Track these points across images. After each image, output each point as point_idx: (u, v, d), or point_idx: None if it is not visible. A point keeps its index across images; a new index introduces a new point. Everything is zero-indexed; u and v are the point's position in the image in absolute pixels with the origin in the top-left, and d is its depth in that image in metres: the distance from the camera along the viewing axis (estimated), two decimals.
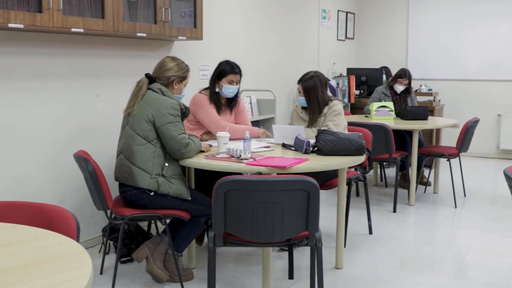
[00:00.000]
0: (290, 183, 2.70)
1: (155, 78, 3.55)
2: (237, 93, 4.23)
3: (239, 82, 4.18)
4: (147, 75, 3.55)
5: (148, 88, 3.49)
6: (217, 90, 4.14)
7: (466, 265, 4.00)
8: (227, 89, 4.11)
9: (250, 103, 5.64)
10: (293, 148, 3.78)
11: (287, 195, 2.70)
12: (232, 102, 4.25)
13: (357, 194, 5.91)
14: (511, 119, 8.23)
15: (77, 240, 1.99)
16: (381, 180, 6.57)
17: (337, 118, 4.31)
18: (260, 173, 3.02)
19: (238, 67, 4.17)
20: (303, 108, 4.49)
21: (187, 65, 3.66)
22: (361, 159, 3.60)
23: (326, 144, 3.56)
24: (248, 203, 2.71)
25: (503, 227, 4.85)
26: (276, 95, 5.95)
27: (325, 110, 4.34)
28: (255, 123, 5.85)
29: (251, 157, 3.32)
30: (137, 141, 3.40)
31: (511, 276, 3.78)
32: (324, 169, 3.45)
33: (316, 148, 3.63)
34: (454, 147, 5.68)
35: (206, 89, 4.24)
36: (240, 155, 3.30)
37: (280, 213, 2.72)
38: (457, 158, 5.73)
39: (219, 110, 4.15)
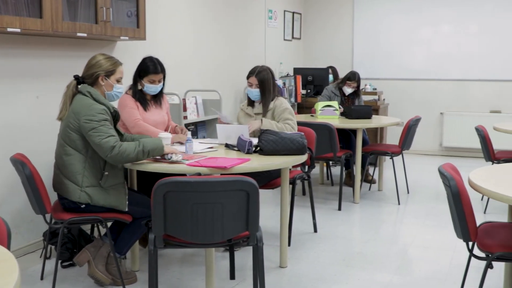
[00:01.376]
0: (229, 184, 2.70)
1: (82, 78, 3.37)
2: (161, 90, 4.10)
3: (163, 79, 4.04)
4: (75, 76, 3.37)
5: (78, 91, 3.33)
6: (139, 87, 4.02)
7: (407, 261, 4.09)
8: (148, 88, 3.99)
9: (196, 103, 5.61)
10: (236, 148, 3.79)
11: (226, 196, 2.70)
12: (157, 98, 4.12)
13: (303, 193, 5.96)
14: (453, 117, 8.45)
15: (8, 247, 1.94)
16: (327, 179, 6.65)
17: (292, 117, 4.35)
18: (199, 174, 3.01)
19: (161, 65, 4.00)
20: (249, 104, 4.49)
21: (115, 59, 3.43)
22: (303, 158, 3.63)
23: (268, 144, 3.58)
24: (187, 204, 2.70)
25: (443, 222, 4.97)
26: (222, 95, 5.94)
27: (271, 105, 4.35)
28: (201, 124, 5.84)
29: (189, 158, 3.29)
30: (67, 151, 3.26)
31: (450, 270, 3.88)
32: (266, 169, 3.46)
33: (258, 148, 3.65)
34: (397, 145, 5.80)
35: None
36: (170, 157, 3.26)
37: (220, 213, 2.72)
38: (400, 155, 5.85)
39: (146, 107, 4.02)
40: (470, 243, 2.76)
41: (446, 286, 3.61)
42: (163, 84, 4.09)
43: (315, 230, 4.71)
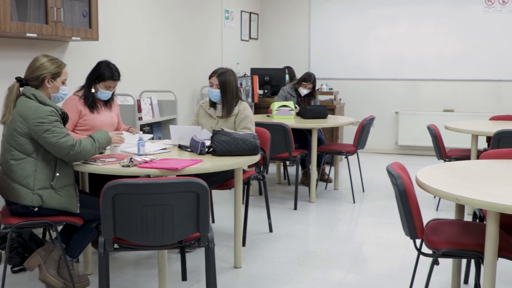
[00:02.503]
0: (178, 185, 2.69)
1: (26, 80, 3.28)
2: (112, 93, 4.07)
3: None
4: (17, 79, 3.28)
5: (22, 94, 3.24)
6: (92, 90, 3.96)
7: (360, 258, 4.14)
8: (102, 93, 3.96)
9: (151, 104, 5.57)
10: (189, 150, 3.78)
11: (176, 197, 2.69)
12: (107, 100, 4.07)
13: (260, 193, 5.98)
14: (408, 117, 8.60)
15: None
16: (284, 178, 6.69)
17: (252, 126, 4.34)
18: (149, 176, 2.99)
19: (118, 72, 3.98)
20: (211, 105, 4.46)
21: (60, 61, 3.36)
22: (256, 158, 3.65)
23: (221, 145, 3.58)
24: (137, 207, 2.68)
25: (397, 220, 5.02)
26: (177, 95, 5.91)
27: (236, 110, 4.34)
28: (157, 125, 5.79)
29: (143, 160, 3.27)
30: (15, 156, 3.18)
31: (402, 266, 3.95)
32: (217, 170, 3.47)
33: (211, 149, 3.65)
34: (352, 144, 5.87)
35: (82, 88, 4.03)
36: (125, 162, 3.23)
37: (169, 215, 2.71)
38: (356, 154, 5.92)
39: (94, 109, 3.96)
40: (418, 241, 2.82)
41: (398, 283, 3.67)
42: (113, 92, 4.08)
43: (271, 230, 4.73)
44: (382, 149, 8.83)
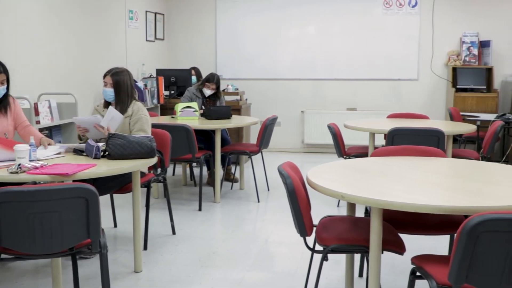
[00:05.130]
0: (66, 191, 2.62)
1: None
2: (7, 93, 3.85)
3: (6, 81, 3.79)
4: None
5: None
6: None
7: (261, 257, 4.20)
8: None
9: (49, 107, 5.40)
10: (84, 154, 3.69)
11: (64, 204, 2.62)
12: (2, 103, 3.87)
13: (165, 195, 5.92)
14: (313, 115, 8.80)
15: None
16: (191, 180, 6.67)
17: (147, 127, 4.27)
18: (35, 183, 2.90)
19: (2, 65, 3.77)
20: (105, 106, 4.37)
21: None
22: (152, 161, 3.62)
23: (116, 148, 3.53)
24: (23, 215, 2.59)
25: None
26: (78, 98, 5.76)
27: (130, 111, 4.28)
28: (56, 128, 5.63)
29: (32, 166, 3.17)
30: None
31: (301, 263, 4.04)
32: (113, 174, 3.41)
33: (107, 153, 3.58)
34: (255, 144, 5.94)
35: None
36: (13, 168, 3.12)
37: (58, 222, 2.64)
38: (260, 154, 6.00)
39: None
40: (308, 238, 2.89)
41: (296, 280, 3.75)
42: (7, 89, 3.87)
43: (174, 232, 4.71)
44: (288, 147, 9.00)
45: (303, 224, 2.75)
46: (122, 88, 4.20)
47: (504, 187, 2.77)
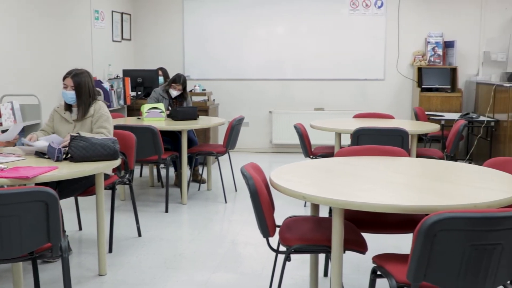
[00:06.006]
0: (24, 195, 2.58)
1: None
2: None
3: None
4: None
5: None
6: None
7: (227, 258, 4.20)
8: None
9: (12, 108, 5.32)
10: (46, 156, 3.64)
11: (23, 208, 2.58)
12: None
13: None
14: (281, 116, 8.83)
15: None
16: (158, 181, 6.64)
17: (108, 125, 4.23)
18: None
19: None
20: (67, 109, 4.30)
21: None
22: (115, 163, 3.59)
23: (78, 151, 3.49)
24: None
25: None
26: (42, 99, 5.68)
27: (91, 110, 4.22)
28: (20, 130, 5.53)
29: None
30: None
31: (266, 264, 4.04)
32: (75, 176, 3.36)
33: (69, 155, 3.54)
34: (222, 145, 5.93)
35: None
36: None
37: (17, 226, 2.60)
38: (227, 155, 5.99)
39: None
40: (273, 238, 2.90)
41: (261, 280, 3.76)
42: None
43: (139, 234, 4.67)
44: (257, 148, 9.01)
45: (265, 225, 2.76)
46: (83, 90, 4.15)
47: (462, 186, 2.82)
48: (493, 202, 2.43)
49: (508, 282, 2.38)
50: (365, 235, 3.08)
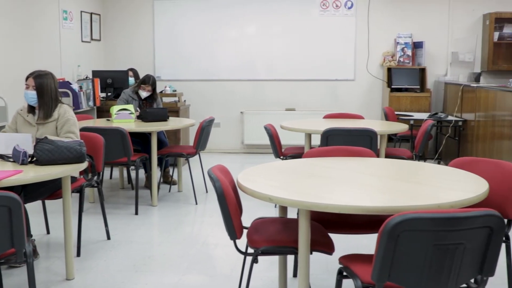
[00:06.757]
0: None
1: None
2: None
3: None
4: None
5: None
6: None
7: (197, 260, 4.18)
8: None
9: None
10: (11, 160, 3.59)
11: None
12: None
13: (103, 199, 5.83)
14: (253, 116, 8.83)
15: None
16: (129, 183, 6.59)
17: (76, 129, 4.17)
18: None
19: None
20: (29, 111, 4.23)
21: None
22: (82, 166, 3.55)
23: (44, 154, 3.44)
24: None
25: None
26: (8, 101, 5.59)
27: (56, 114, 4.16)
28: None
29: None
30: None
31: (236, 265, 4.03)
32: (40, 180, 3.32)
33: (35, 159, 3.49)
34: (192, 146, 5.91)
35: None
36: None
37: None
38: (197, 156, 5.98)
39: None
40: (241, 240, 2.90)
41: (231, 282, 3.76)
42: None
43: (108, 238, 4.63)
44: (229, 148, 9.01)
45: (232, 227, 2.76)
46: (45, 91, 4.08)
47: (427, 187, 2.86)
48: (455, 202, 2.47)
49: (472, 280, 2.42)
50: (336, 236, 3.10)
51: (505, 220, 2.97)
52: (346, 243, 3.98)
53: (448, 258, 2.19)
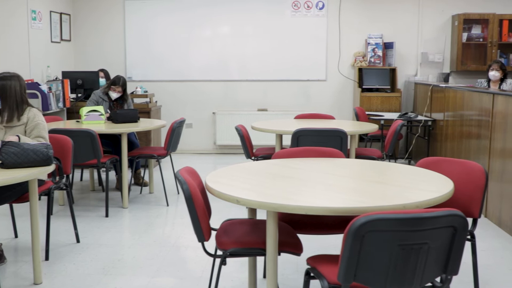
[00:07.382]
0: None
1: None
2: None
3: None
4: None
5: None
6: None
7: (167, 262, 4.16)
8: None
9: None
10: None
11: None
12: None
13: (73, 201, 5.77)
14: (225, 117, 8.82)
15: None
16: (99, 185, 6.53)
17: (45, 132, 4.11)
18: None
19: None
20: None
21: None
22: (49, 169, 3.51)
23: (9, 157, 3.40)
24: None
25: None
26: None
27: (25, 118, 4.10)
28: None
29: None
30: None
31: (206, 267, 4.03)
32: (7, 183, 3.28)
33: (0, 161, 3.44)
34: (163, 147, 5.88)
35: None
36: None
37: None
38: (169, 157, 5.95)
39: None
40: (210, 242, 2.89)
41: (201, 284, 3.75)
42: None
43: (78, 241, 4.58)
44: (201, 149, 8.99)
45: (200, 229, 2.75)
46: (8, 94, 3.99)
47: (394, 187, 2.88)
48: (421, 203, 2.50)
49: (438, 279, 2.45)
50: (306, 236, 3.11)
51: (470, 219, 3.02)
52: (316, 244, 4.00)
53: (412, 257, 2.21)
